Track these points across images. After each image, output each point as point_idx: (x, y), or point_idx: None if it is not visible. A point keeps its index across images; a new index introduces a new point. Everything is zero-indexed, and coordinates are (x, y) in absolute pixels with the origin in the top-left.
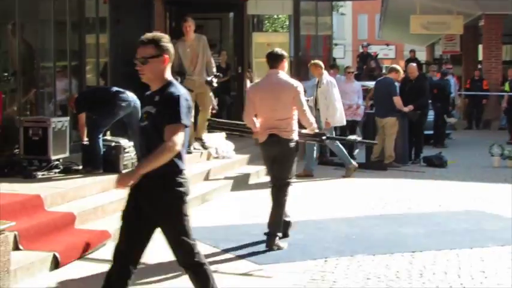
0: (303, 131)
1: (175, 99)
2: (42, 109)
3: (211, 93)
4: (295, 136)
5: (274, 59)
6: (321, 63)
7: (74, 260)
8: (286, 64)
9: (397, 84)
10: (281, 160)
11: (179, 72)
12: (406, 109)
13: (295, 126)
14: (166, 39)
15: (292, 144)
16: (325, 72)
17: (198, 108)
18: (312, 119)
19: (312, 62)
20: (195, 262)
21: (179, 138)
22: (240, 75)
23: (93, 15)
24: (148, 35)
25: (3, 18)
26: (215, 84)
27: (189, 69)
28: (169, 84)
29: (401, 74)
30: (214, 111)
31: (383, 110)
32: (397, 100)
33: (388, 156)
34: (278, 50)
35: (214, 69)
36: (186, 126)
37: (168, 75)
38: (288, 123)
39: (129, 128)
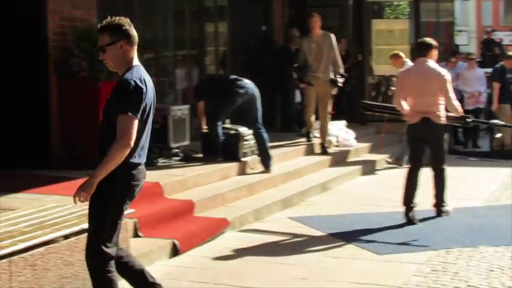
0: (449, 114)
1: (124, 85)
2: (163, 97)
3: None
4: (444, 120)
5: (423, 48)
6: (401, 54)
7: (193, 247)
8: (435, 53)
9: None
10: (435, 144)
11: (300, 67)
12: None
13: (444, 111)
14: (123, 24)
15: (442, 128)
16: (406, 61)
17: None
18: (458, 105)
19: (392, 53)
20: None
21: (131, 131)
22: (360, 62)
23: (211, 4)
24: (104, 22)
25: (123, 13)
26: (340, 84)
27: (313, 65)
28: (128, 69)
29: None
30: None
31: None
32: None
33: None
34: (428, 39)
35: (342, 70)
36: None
37: (134, 60)
38: (437, 108)
39: (248, 116)
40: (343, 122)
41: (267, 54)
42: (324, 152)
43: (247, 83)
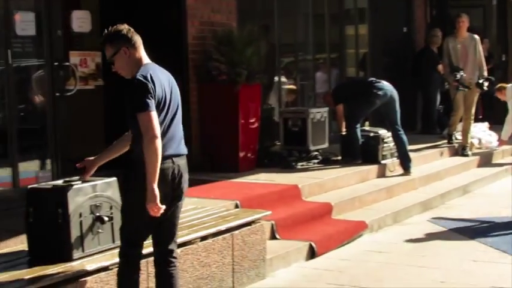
0: None
1: (131, 86)
2: (303, 100)
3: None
4: None
5: None
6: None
7: (330, 250)
8: None
9: None
10: None
11: (455, 68)
12: None
13: None
14: (120, 31)
15: None
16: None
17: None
18: None
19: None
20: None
21: (152, 124)
22: (504, 63)
23: (351, 7)
24: (103, 35)
25: (263, 18)
26: (486, 88)
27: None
28: (137, 71)
29: None
30: None
31: None
32: None
33: None
34: None
35: (486, 73)
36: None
37: (143, 60)
38: None
39: (387, 118)
40: (486, 124)
41: (408, 56)
42: (465, 154)
43: (386, 84)
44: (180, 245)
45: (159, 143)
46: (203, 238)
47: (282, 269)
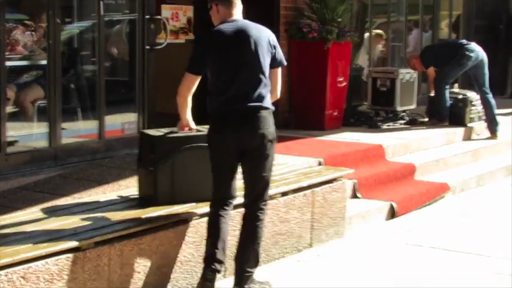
0: None
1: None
2: (393, 61)
3: None
4: None
5: None
6: None
7: (411, 210)
8: None
9: None
10: None
11: None
12: None
13: None
14: None
15: None
16: None
17: None
18: None
19: None
20: None
21: (182, 84)
22: None
23: None
24: None
25: None
26: None
27: None
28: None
29: None
30: None
31: None
32: None
33: None
34: None
35: None
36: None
37: (233, 16)
38: None
39: (476, 81)
40: None
41: (503, 20)
42: None
43: (476, 47)
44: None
45: (178, 100)
46: (284, 194)
47: (361, 226)
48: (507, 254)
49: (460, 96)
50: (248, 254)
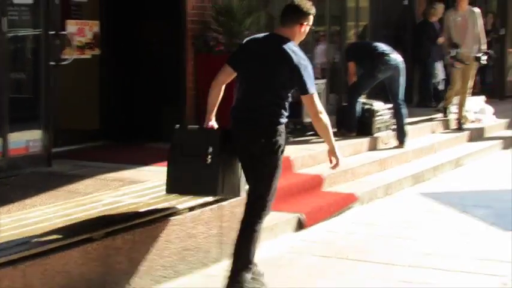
0: None
1: None
2: None
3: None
4: None
5: None
6: None
7: (319, 222)
8: None
9: None
10: None
11: (453, 44)
12: None
13: None
14: None
15: None
16: None
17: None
18: None
19: None
20: None
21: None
22: (502, 37)
23: None
24: None
25: None
26: (484, 62)
27: (457, 40)
28: None
29: None
30: None
31: None
32: None
33: None
34: None
35: (484, 46)
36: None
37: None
38: None
39: (389, 91)
40: (482, 98)
41: (408, 29)
42: (460, 127)
43: (394, 58)
44: (167, 216)
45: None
46: (191, 209)
47: (269, 240)
48: (415, 262)
49: (367, 107)
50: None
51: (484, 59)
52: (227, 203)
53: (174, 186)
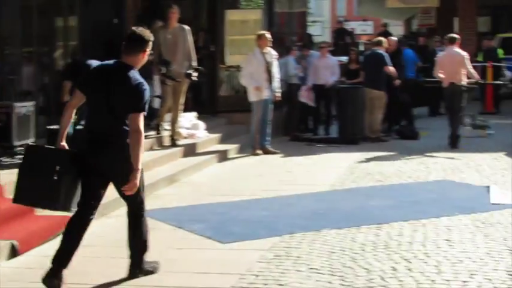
0: None
1: None
2: (9, 95)
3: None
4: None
5: (450, 40)
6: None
7: (34, 247)
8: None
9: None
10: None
11: (163, 61)
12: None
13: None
14: None
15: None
16: None
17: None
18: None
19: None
20: None
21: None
22: (213, 53)
23: None
24: None
25: None
26: (194, 78)
27: (167, 57)
28: None
29: (387, 45)
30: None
31: (372, 83)
32: (391, 70)
33: (375, 130)
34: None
35: (195, 63)
36: None
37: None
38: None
39: None
40: (194, 114)
41: (120, 48)
42: (174, 144)
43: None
44: None
45: None
46: None
47: None
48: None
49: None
50: None
51: (195, 75)
52: None
53: (21, 196)
